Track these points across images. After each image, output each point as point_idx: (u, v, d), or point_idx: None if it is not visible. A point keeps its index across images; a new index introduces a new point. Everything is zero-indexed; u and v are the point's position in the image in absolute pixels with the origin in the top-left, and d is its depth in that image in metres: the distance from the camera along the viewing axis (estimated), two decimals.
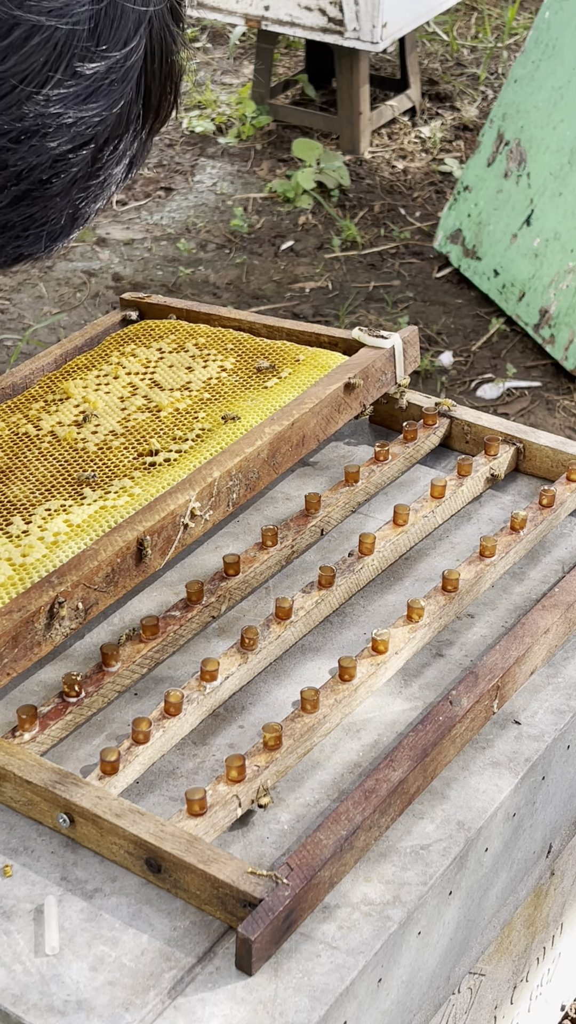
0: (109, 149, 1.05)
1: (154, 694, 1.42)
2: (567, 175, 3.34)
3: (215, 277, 3.76)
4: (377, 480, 1.69)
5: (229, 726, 1.39)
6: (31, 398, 1.75)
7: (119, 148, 1.06)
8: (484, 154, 3.62)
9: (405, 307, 3.62)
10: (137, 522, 1.48)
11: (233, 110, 4.64)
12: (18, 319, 3.55)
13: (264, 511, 1.68)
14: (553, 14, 3.45)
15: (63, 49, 0.95)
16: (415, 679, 1.45)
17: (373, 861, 1.25)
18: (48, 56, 0.95)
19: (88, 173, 1.04)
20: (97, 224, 4.02)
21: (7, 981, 1.15)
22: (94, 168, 1.05)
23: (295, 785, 1.32)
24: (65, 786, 1.25)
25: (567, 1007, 1.78)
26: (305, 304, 3.62)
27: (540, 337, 3.37)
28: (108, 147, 1.04)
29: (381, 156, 4.36)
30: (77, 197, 1.06)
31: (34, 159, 0.99)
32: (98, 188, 1.07)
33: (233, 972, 1.15)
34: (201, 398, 1.70)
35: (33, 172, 1.00)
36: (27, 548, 1.46)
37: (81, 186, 1.05)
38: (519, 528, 1.59)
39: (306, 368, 1.73)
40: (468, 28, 5.28)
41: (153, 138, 1.12)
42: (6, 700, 1.41)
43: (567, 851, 1.56)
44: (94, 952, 1.17)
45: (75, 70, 0.97)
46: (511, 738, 1.38)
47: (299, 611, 1.48)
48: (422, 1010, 1.31)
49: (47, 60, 0.95)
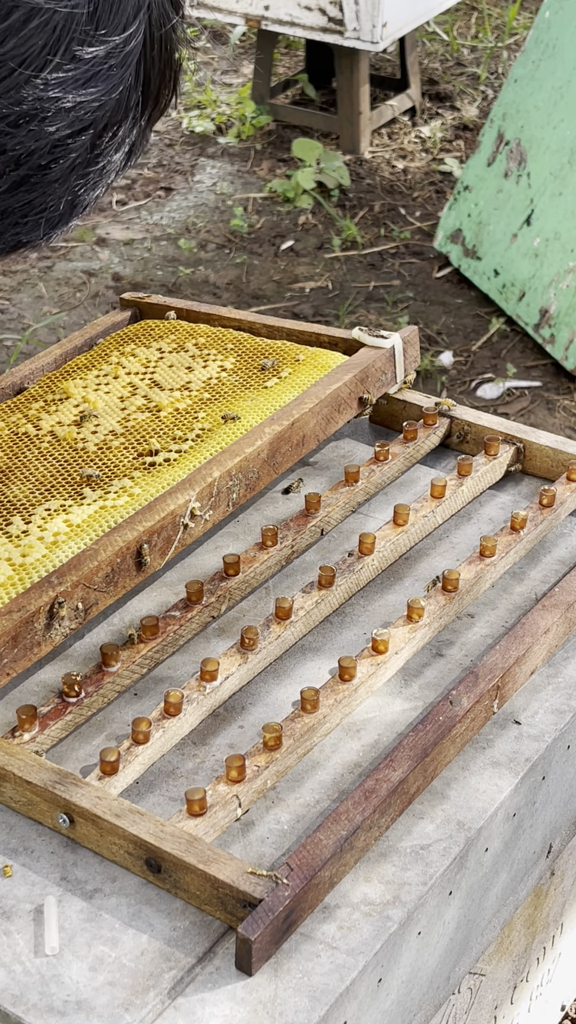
0: (108, 135, 1.05)
1: (154, 694, 1.42)
2: (567, 175, 3.34)
3: (215, 277, 3.76)
4: (377, 480, 1.69)
5: (229, 726, 1.39)
6: (31, 398, 1.75)
7: (118, 135, 1.06)
8: (484, 154, 3.62)
9: (405, 307, 3.62)
10: (137, 522, 1.47)
11: (233, 110, 4.64)
12: (18, 319, 3.55)
13: (264, 511, 1.68)
14: (553, 14, 3.45)
15: (62, 32, 0.95)
16: (415, 679, 1.45)
17: (373, 861, 1.25)
18: (47, 39, 0.95)
19: (87, 159, 1.04)
20: (97, 224, 4.02)
21: (7, 981, 1.15)
22: (93, 154, 1.04)
23: (295, 785, 1.32)
24: (65, 786, 1.25)
25: (567, 1007, 1.78)
26: (305, 304, 3.62)
27: (540, 337, 3.37)
28: (107, 133, 1.04)
29: (381, 156, 4.36)
30: (76, 183, 1.05)
31: (33, 144, 0.99)
32: (97, 175, 1.07)
33: (233, 972, 1.15)
34: (201, 398, 1.70)
35: (32, 157, 1.00)
36: (27, 548, 1.46)
37: (80, 172, 1.05)
38: (519, 528, 1.59)
39: (306, 368, 1.73)
40: (468, 28, 5.28)
41: (152, 127, 1.12)
42: (6, 700, 1.41)
43: (567, 851, 1.56)
44: (94, 952, 1.17)
45: (74, 54, 0.96)
46: (511, 738, 1.38)
47: (299, 611, 1.48)
48: (422, 1010, 1.31)
49: (46, 43, 0.95)
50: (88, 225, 4.00)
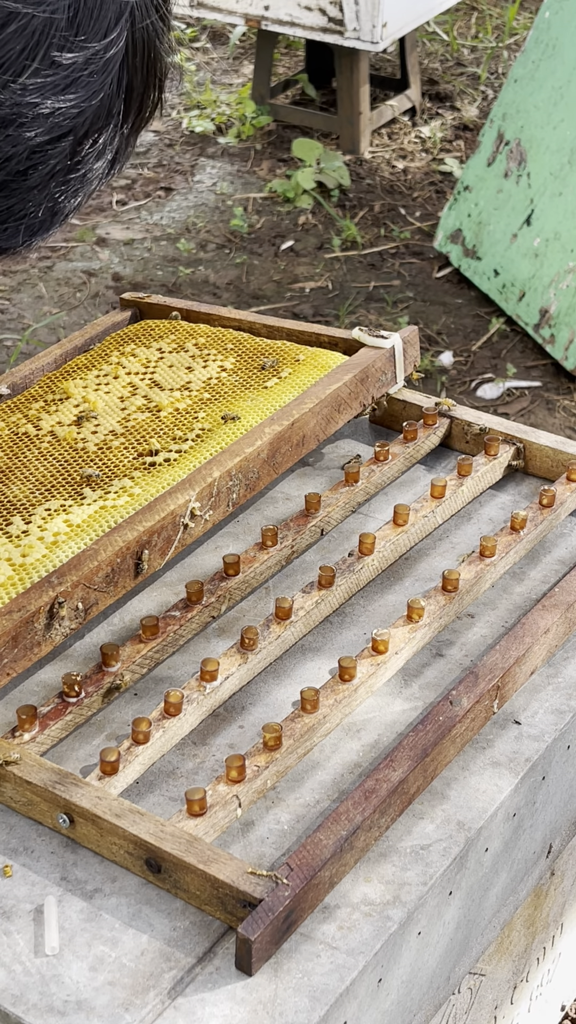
0: (88, 143, 1.04)
1: (154, 694, 1.42)
2: (567, 175, 3.34)
3: (215, 277, 3.76)
4: (377, 480, 1.69)
5: (229, 726, 1.39)
6: (31, 398, 1.75)
7: (99, 142, 1.05)
8: (484, 154, 3.62)
9: (405, 307, 3.62)
10: (137, 522, 1.47)
11: (233, 110, 4.64)
12: (18, 319, 3.55)
13: (264, 511, 1.68)
14: (553, 14, 3.45)
15: (40, 38, 0.95)
16: (415, 679, 1.45)
17: (373, 861, 1.25)
18: (25, 44, 0.94)
19: (67, 167, 1.04)
20: (97, 224, 4.02)
21: (7, 981, 1.15)
22: (73, 161, 1.04)
23: (295, 785, 1.32)
24: (65, 786, 1.25)
25: (567, 1007, 1.78)
26: (305, 304, 3.62)
27: (540, 337, 3.37)
28: (87, 140, 1.04)
29: (381, 156, 4.36)
30: (56, 191, 1.05)
31: (10, 149, 0.99)
32: (78, 182, 1.06)
33: (233, 972, 1.15)
34: (201, 398, 1.70)
35: (10, 162, 0.99)
36: (27, 548, 1.46)
37: (60, 179, 1.04)
38: (519, 528, 1.59)
39: (306, 368, 1.73)
40: (468, 28, 5.28)
41: (137, 135, 1.11)
42: (6, 700, 1.41)
43: (567, 851, 1.56)
44: (94, 952, 1.17)
45: (53, 59, 0.96)
46: (511, 738, 1.38)
47: (299, 611, 1.48)
48: (422, 1010, 1.31)
49: (24, 48, 0.94)
50: (88, 225, 4.00)
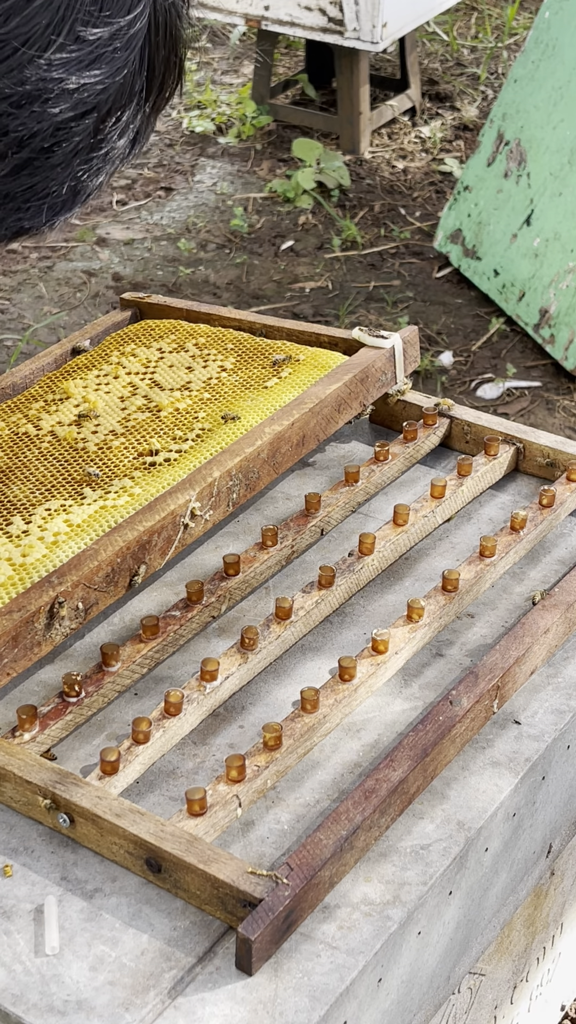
0: (112, 120, 1.04)
1: (154, 694, 1.42)
2: (567, 175, 3.34)
3: (215, 277, 3.76)
4: (377, 480, 1.69)
5: (229, 726, 1.39)
6: (31, 398, 1.75)
7: (122, 120, 1.05)
8: (484, 154, 3.62)
9: (405, 307, 3.62)
10: (137, 522, 1.48)
11: (233, 110, 4.64)
12: (18, 319, 3.55)
13: (264, 511, 1.68)
14: (553, 14, 3.45)
15: (66, 13, 0.95)
16: (415, 679, 1.45)
17: (373, 861, 1.25)
18: (51, 19, 0.94)
19: (90, 144, 1.04)
20: (97, 224, 4.02)
21: (7, 981, 1.15)
22: (96, 139, 1.04)
23: (295, 785, 1.32)
24: (65, 786, 1.25)
25: (567, 1007, 1.78)
26: (305, 304, 3.62)
27: (540, 337, 3.37)
28: (111, 118, 1.04)
29: (381, 156, 4.36)
30: (79, 168, 1.05)
31: (35, 125, 0.98)
32: (100, 160, 1.06)
33: (233, 972, 1.15)
34: (201, 398, 1.70)
35: (34, 139, 0.99)
36: (27, 548, 1.46)
37: (83, 157, 1.04)
38: (519, 528, 1.59)
39: (306, 368, 1.73)
40: (468, 28, 5.28)
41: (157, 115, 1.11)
42: (6, 700, 1.41)
43: (567, 851, 1.56)
44: (94, 952, 1.17)
45: (78, 35, 0.96)
46: (511, 738, 1.38)
47: (299, 611, 1.48)
48: (422, 1010, 1.31)
49: (50, 23, 0.94)
50: (88, 225, 4.00)
